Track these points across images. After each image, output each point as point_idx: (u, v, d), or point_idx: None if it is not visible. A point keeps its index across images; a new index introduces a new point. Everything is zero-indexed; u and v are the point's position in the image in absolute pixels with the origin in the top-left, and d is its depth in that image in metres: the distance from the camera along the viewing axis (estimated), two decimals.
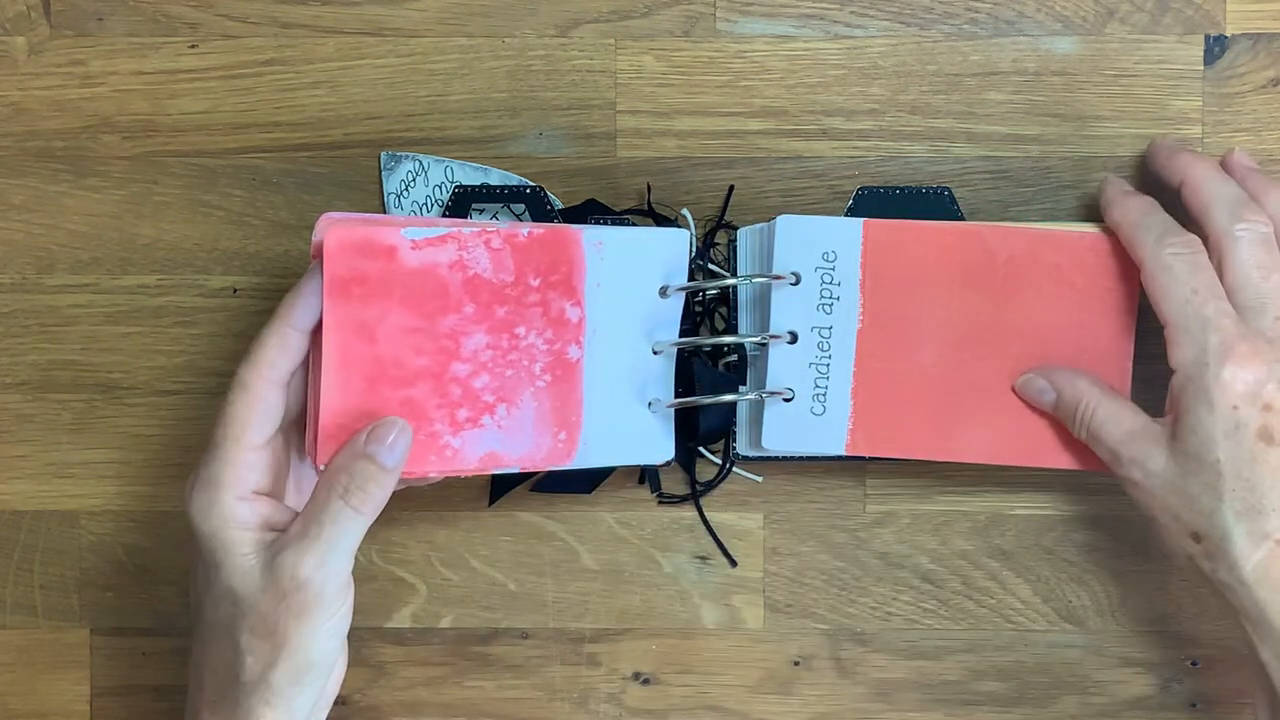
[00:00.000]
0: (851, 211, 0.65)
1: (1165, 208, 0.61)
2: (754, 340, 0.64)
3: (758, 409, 0.65)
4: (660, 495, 0.67)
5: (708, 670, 0.68)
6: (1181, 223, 0.60)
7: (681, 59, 0.67)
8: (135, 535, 0.68)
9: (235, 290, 0.67)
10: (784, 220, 0.63)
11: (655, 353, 0.64)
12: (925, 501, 0.67)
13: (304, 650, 0.57)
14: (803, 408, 0.64)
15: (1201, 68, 0.67)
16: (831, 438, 0.64)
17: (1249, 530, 0.57)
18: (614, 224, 0.65)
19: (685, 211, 0.66)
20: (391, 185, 0.67)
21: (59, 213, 0.67)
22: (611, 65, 0.67)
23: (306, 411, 0.60)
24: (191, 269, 0.67)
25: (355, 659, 0.65)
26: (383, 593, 0.68)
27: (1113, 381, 0.63)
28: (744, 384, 0.65)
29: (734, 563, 0.67)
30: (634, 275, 0.63)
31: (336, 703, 0.62)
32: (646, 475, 0.67)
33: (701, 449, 0.67)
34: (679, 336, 0.65)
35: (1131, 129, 0.67)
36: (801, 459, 0.66)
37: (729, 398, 0.64)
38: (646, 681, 0.68)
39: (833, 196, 0.67)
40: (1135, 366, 0.63)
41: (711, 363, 0.66)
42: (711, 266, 0.66)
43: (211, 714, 0.58)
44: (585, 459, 0.63)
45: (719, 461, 0.67)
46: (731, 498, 0.68)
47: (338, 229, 0.58)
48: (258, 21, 0.67)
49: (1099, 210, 0.63)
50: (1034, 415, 0.63)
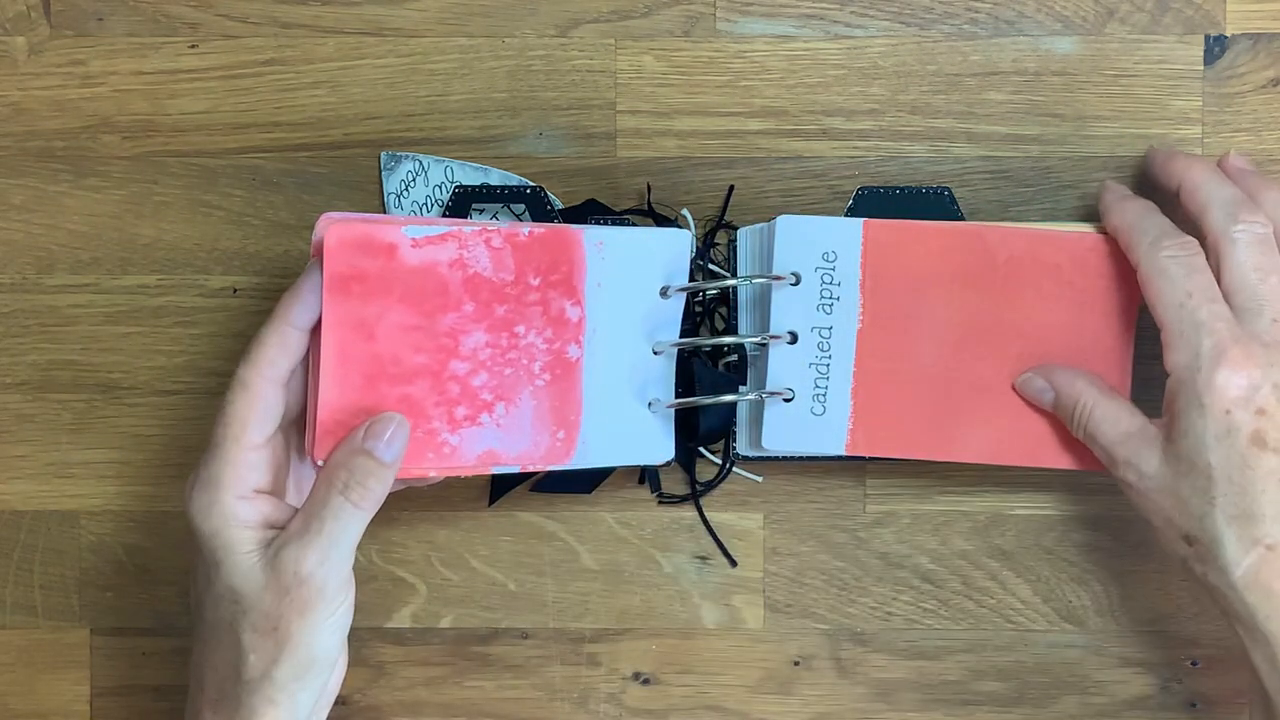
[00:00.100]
0: (851, 211, 0.65)
1: (1166, 213, 0.61)
2: (754, 341, 0.64)
3: (758, 409, 0.64)
4: (660, 495, 0.67)
5: (708, 670, 0.68)
6: (1181, 226, 0.60)
7: (681, 59, 0.67)
8: (135, 535, 0.68)
9: (235, 290, 0.67)
10: (784, 220, 0.63)
11: (655, 353, 0.64)
12: (925, 501, 0.67)
13: (307, 646, 0.57)
14: (803, 408, 0.64)
15: (1201, 68, 0.67)
16: (831, 438, 0.64)
17: (1239, 535, 0.57)
18: (614, 224, 0.65)
19: (685, 212, 0.66)
20: (391, 185, 0.67)
21: (59, 213, 0.67)
22: (611, 65, 0.67)
23: (306, 410, 0.60)
24: (191, 269, 0.67)
25: (355, 659, 0.65)
26: (383, 593, 0.67)
27: (1112, 381, 0.63)
28: (744, 384, 0.65)
29: (734, 563, 0.67)
30: (635, 275, 0.63)
31: (336, 703, 0.62)
32: (646, 475, 0.67)
33: (701, 449, 0.67)
34: (679, 336, 0.65)
35: (1131, 129, 0.67)
36: (801, 459, 0.66)
37: (729, 398, 0.64)
38: (646, 681, 0.68)
39: (833, 196, 0.67)
40: (1135, 366, 0.63)
41: (711, 363, 0.66)
42: (711, 266, 0.66)
43: (214, 713, 0.58)
44: (584, 458, 0.63)
45: (719, 461, 0.67)
46: (731, 498, 0.67)
47: (338, 226, 0.58)
48: (258, 21, 0.67)
49: (1099, 214, 0.63)
50: (1034, 415, 0.63)
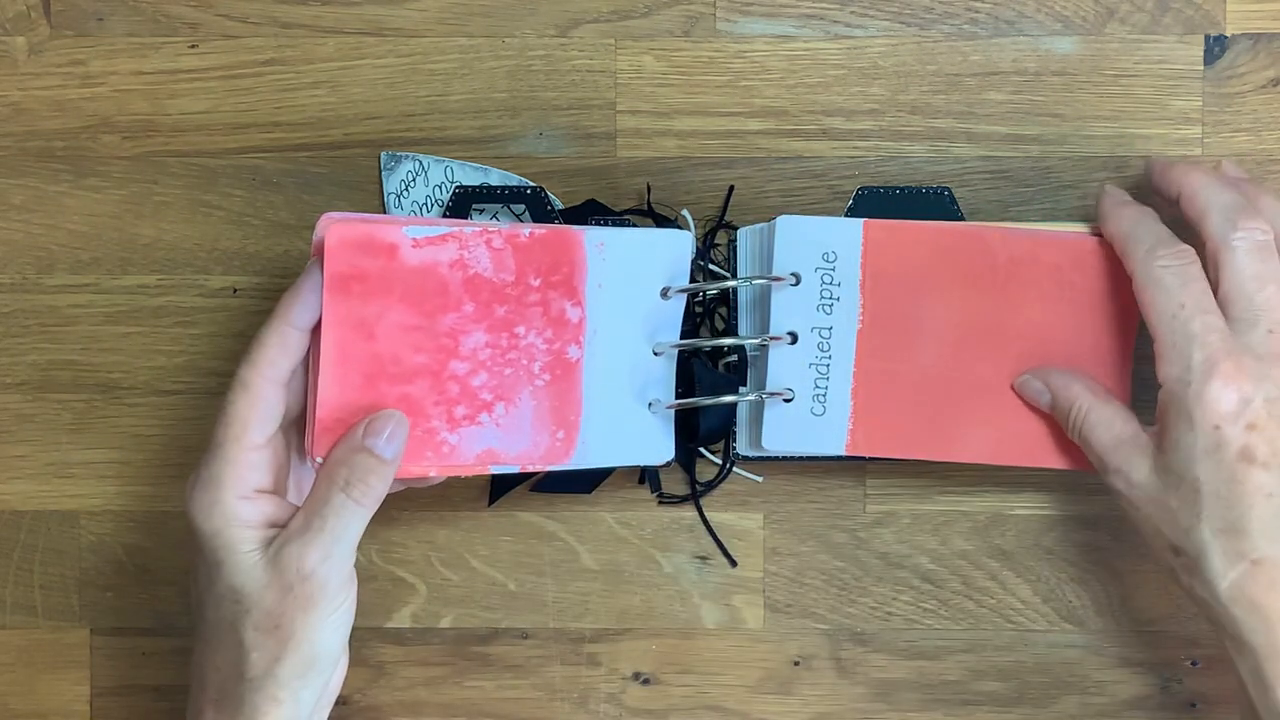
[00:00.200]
0: (851, 211, 0.65)
1: (1169, 225, 0.60)
2: (754, 342, 0.64)
3: (758, 409, 0.64)
4: (660, 496, 0.67)
5: (708, 670, 0.68)
6: (1182, 235, 0.60)
7: (681, 59, 0.67)
8: (135, 535, 0.68)
9: (235, 290, 0.67)
10: (784, 220, 0.63)
11: (656, 354, 0.64)
12: (925, 501, 0.67)
13: (309, 644, 0.57)
14: (803, 408, 0.64)
15: (1201, 68, 0.67)
16: (831, 438, 0.64)
17: (1225, 549, 0.56)
18: (614, 224, 0.65)
19: (685, 212, 0.66)
20: (391, 185, 0.67)
21: (59, 213, 0.67)
22: (611, 65, 0.67)
23: (306, 410, 0.60)
24: (191, 269, 0.67)
25: (355, 659, 0.65)
26: (383, 593, 0.67)
27: (1112, 384, 0.63)
28: (744, 384, 0.65)
29: (734, 563, 0.67)
30: (636, 276, 0.63)
31: (337, 703, 0.62)
32: (646, 475, 0.67)
33: (701, 449, 0.67)
34: (680, 337, 0.65)
35: (1131, 129, 0.67)
36: (801, 459, 0.66)
37: (729, 399, 0.64)
38: (646, 681, 0.68)
39: (833, 196, 0.67)
40: (1135, 368, 0.63)
41: (711, 363, 0.66)
42: (712, 267, 0.66)
43: (216, 712, 0.58)
44: (584, 458, 0.63)
45: (719, 462, 0.67)
46: (731, 498, 0.67)
47: (339, 226, 0.58)
48: (258, 21, 0.67)
49: (1098, 219, 0.62)
50: (1034, 415, 0.63)
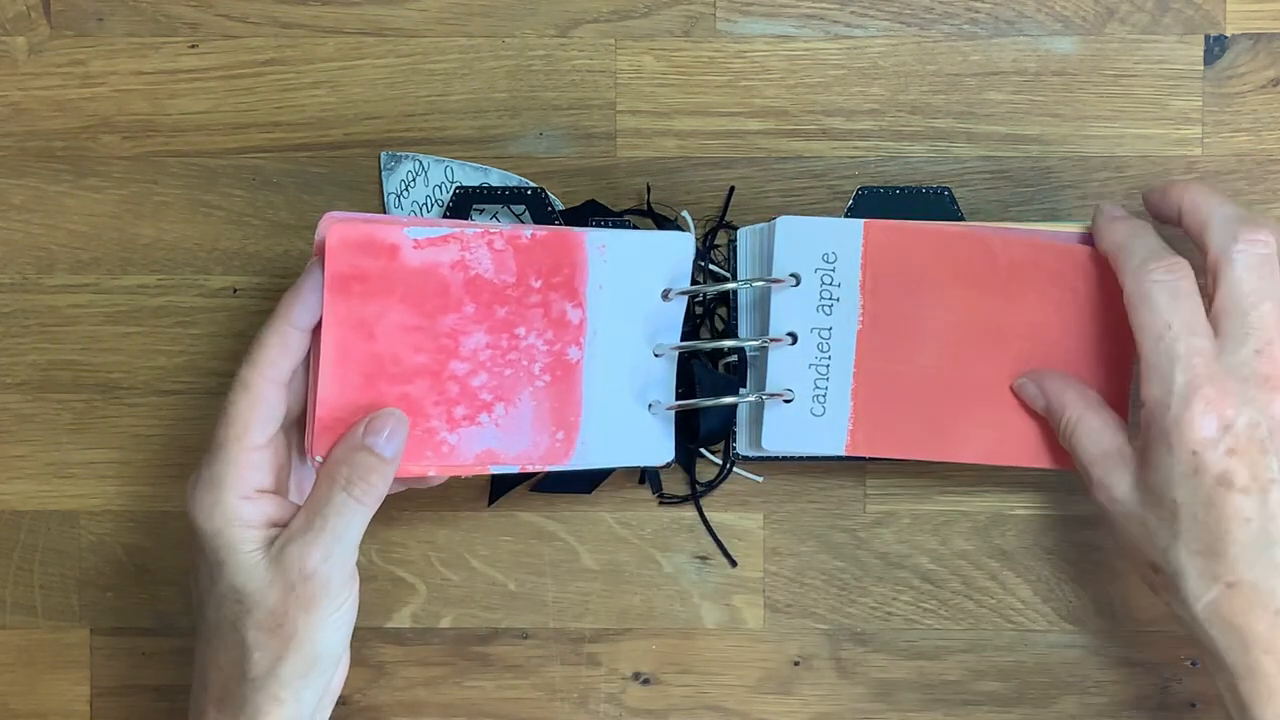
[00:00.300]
0: (851, 211, 0.65)
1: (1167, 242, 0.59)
2: (754, 344, 0.64)
3: (758, 410, 0.64)
4: (661, 497, 0.67)
5: (708, 670, 0.68)
6: (1181, 251, 0.59)
7: (681, 59, 0.67)
8: (135, 535, 0.68)
9: (235, 290, 0.67)
10: (784, 221, 0.63)
11: (656, 355, 0.64)
12: (925, 501, 0.67)
13: (312, 643, 0.57)
14: (802, 409, 0.64)
15: (1201, 68, 0.67)
16: (831, 438, 0.64)
17: (1202, 570, 0.56)
18: (615, 226, 0.65)
19: (685, 213, 0.66)
20: (391, 185, 0.67)
21: (59, 213, 0.67)
22: (611, 65, 0.67)
23: (306, 410, 0.60)
24: (191, 269, 0.67)
25: (355, 659, 0.65)
26: (383, 593, 0.67)
27: (1110, 390, 0.62)
28: (744, 384, 0.65)
29: (734, 563, 0.67)
30: (637, 278, 0.63)
31: (337, 703, 0.62)
32: (647, 476, 0.67)
33: (702, 450, 0.67)
34: (681, 338, 0.64)
35: (1131, 129, 0.67)
36: (801, 459, 0.66)
37: (729, 400, 0.64)
38: (646, 681, 0.68)
39: (833, 196, 0.67)
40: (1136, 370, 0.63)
41: (711, 364, 0.66)
42: (712, 267, 0.66)
43: (218, 711, 0.58)
44: (583, 459, 0.63)
45: (719, 462, 0.67)
46: (731, 498, 0.67)
47: (340, 226, 0.58)
48: (258, 21, 0.67)
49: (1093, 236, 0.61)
50: (1033, 416, 0.63)
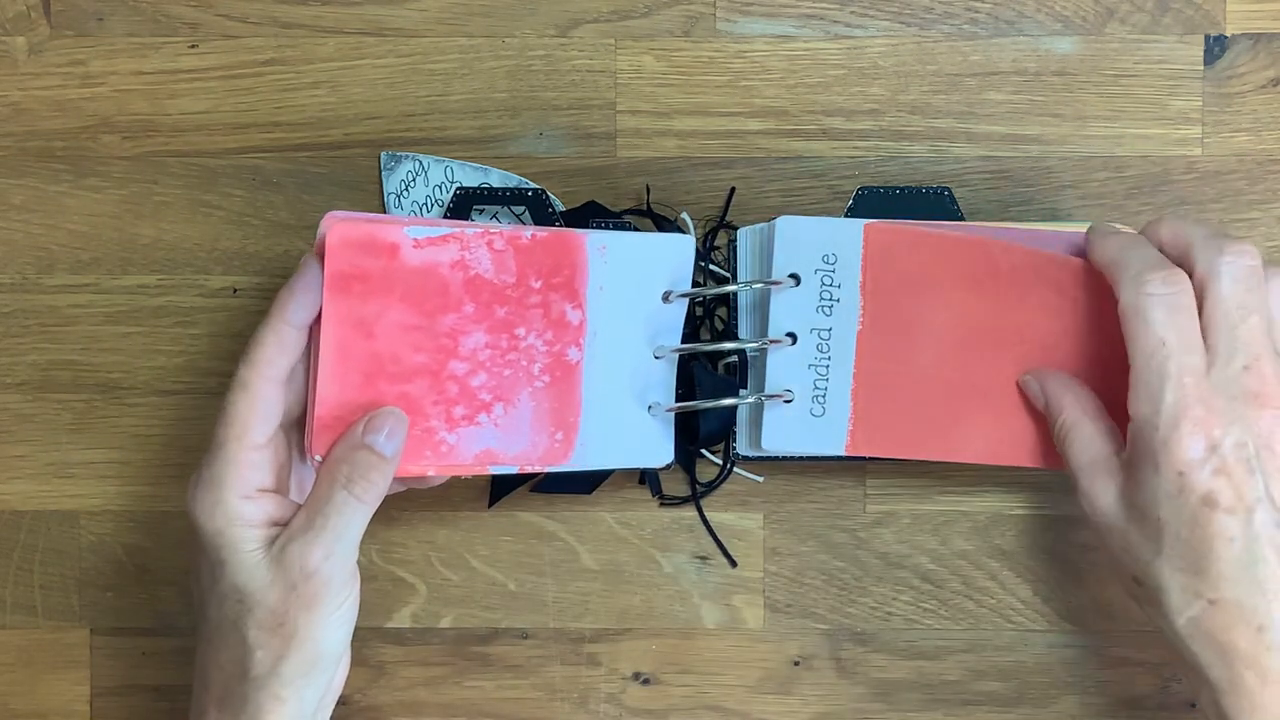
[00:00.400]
0: (851, 211, 0.65)
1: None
2: (754, 345, 0.64)
3: (758, 410, 0.64)
4: (662, 498, 0.67)
5: (708, 670, 0.68)
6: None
7: (681, 59, 0.67)
8: (135, 535, 0.68)
9: (235, 290, 0.67)
10: (784, 221, 0.63)
11: (656, 357, 0.64)
12: (925, 501, 0.67)
13: (313, 641, 0.57)
14: (802, 409, 0.64)
15: (1201, 68, 0.67)
16: (831, 439, 0.64)
17: (1184, 586, 0.56)
18: (616, 227, 0.65)
19: (685, 215, 0.66)
20: (391, 185, 0.67)
21: (59, 213, 0.67)
22: (611, 65, 0.67)
23: (307, 409, 0.60)
24: (191, 269, 0.67)
25: (355, 659, 0.65)
26: (383, 593, 0.67)
27: (1115, 393, 0.61)
28: (744, 385, 0.65)
29: (734, 563, 0.67)
30: (637, 280, 0.63)
31: (337, 703, 0.62)
32: (646, 478, 0.67)
33: (702, 450, 0.67)
34: (682, 338, 0.64)
35: (1131, 129, 0.67)
36: (802, 459, 0.66)
37: (729, 402, 0.64)
38: (646, 681, 0.68)
39: (833, 196, 0.67)
40: None
41: (711, 364, 0.66)
42: (712, 268, 0.66)
43: (219, 711, 0.58)
44: (582, 460, 0.63)
45: (719, 462, 0.67)
46: (731, 498, 0.67)
47: (341, 225, 0.58)
48: (258, 21, 0.67)
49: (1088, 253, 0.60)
50: (1033, 417, 0.63)
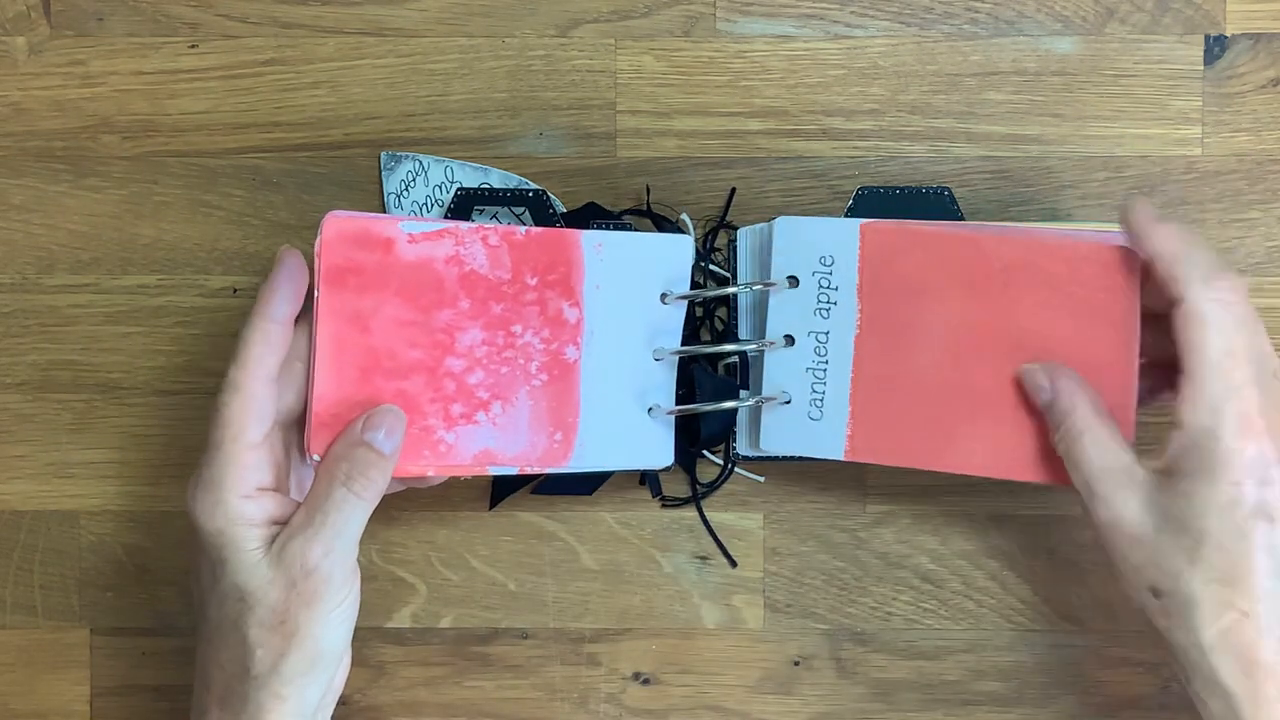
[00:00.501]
0: (851, 211, 0.65)
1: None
2: (751, 349, 0.64)
3: (758, 410, 0.64)
4: (663, 499, 0.67)
5: (708, 670, 0.68)
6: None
7: (681, 59, 0.67)
8: (135, 535, 0.68)
9: (235, 290, 0.67)
10: (783, 221, 0.63)
11: (656, 359, 0.64)
12: (925, 501, 0.67)
13: (314, 639, 0.57)
14: (800, 412, 0.64)
15: (1201, 68, 0.66)
16: (830, 443, 0.63)
17: (1216, 598, 0.54)
18: (615, 228, 0.65)
19: (685, 215, 0.66)
20: (391, 185, 0.67)
21: (59, 213, 0.67)
22: (611, 65, 0.67)
23: (306, 408, 0.60)
24: (191, 269, 0.67)
25: (355, 659, 0.65)
26: (383, 593, 0.67)
27: (1116, 394, 0.60)
28: (744, 385, 0.65)
29: (734, 563, 0.67)
30: (635, 280, 0.63)
31: (337, 702, 0.62)
32: (647, 478, 0.67)
33: (703, 451, 0.67)
34: (682, 338, 0.64)
35: (1131, 129, 0.67)
36: (802, 459, 0.66)
37: (729, 404, 0.64)
38: (646, 681, 0.68)
39: (833, 196, 0.67)
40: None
41: (711, 365, 0.66)
42: (712, 268, 0.66)
43: (221, 710, 0.58)
44: (582, 461, 0.63)
45: (720, 462, 0.67)
46: (732, 498, 0.67)
47: (336, 220, 0.58)
48: (258, 21, 0.67)
49: (1133, 233, 0.58)
50: (1033, 428, 0.61)
